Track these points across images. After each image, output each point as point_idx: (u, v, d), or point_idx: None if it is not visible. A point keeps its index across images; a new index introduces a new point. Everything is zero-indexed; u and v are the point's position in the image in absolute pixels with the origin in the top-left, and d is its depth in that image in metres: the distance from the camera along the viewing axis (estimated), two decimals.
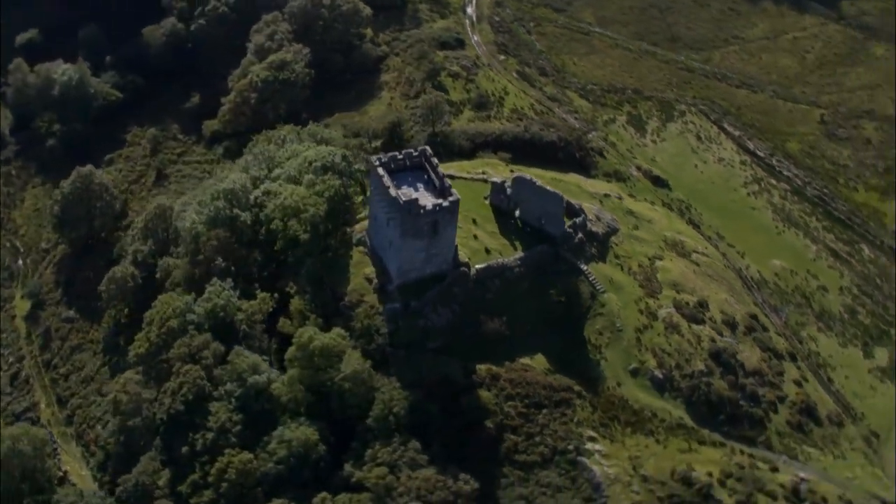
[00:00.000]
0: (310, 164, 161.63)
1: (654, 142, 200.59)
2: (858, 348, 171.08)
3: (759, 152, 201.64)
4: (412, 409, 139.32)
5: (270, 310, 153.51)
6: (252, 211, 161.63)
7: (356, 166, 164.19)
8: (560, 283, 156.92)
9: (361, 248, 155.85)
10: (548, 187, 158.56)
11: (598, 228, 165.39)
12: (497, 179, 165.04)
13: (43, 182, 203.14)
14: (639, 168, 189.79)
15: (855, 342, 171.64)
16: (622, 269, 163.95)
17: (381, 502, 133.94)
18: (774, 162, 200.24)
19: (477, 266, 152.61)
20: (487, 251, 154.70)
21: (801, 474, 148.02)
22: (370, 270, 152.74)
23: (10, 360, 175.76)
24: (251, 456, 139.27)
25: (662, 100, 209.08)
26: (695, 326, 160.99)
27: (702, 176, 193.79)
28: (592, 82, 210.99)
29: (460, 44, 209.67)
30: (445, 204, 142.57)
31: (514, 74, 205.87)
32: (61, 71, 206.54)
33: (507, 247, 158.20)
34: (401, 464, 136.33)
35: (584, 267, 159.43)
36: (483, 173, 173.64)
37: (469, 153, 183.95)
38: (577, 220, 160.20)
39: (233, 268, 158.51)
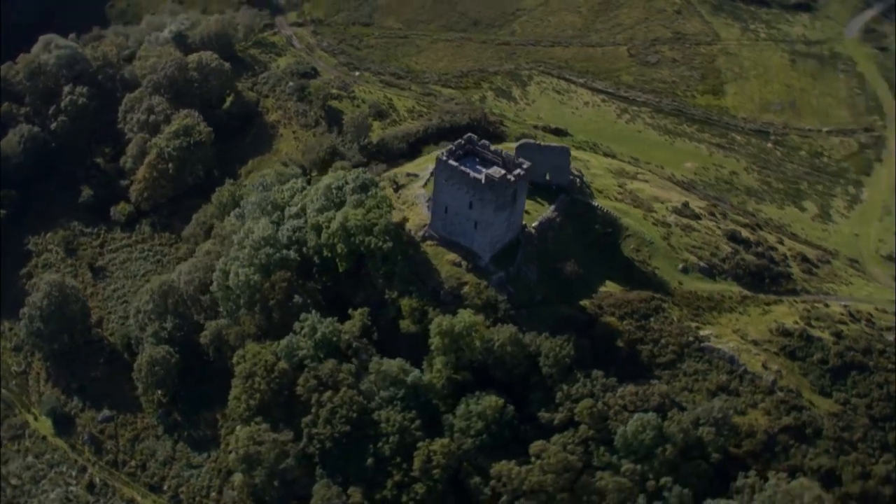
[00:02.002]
0: (335, 189, 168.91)
1: (527, 105, 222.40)
2: (792, 206, 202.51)
3: (609, 90, 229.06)
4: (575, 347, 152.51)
5: (368, 323, 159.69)
6: (293, 248, 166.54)
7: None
8: (591, 220, 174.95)
9: (430, 241, 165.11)
10: (553, 144, 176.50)
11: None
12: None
13: None
14: (536, 126, 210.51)
15: (787, 203, 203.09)
16: (612, 198, 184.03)
17: (599, 426, 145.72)
18: (624, 93, 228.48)
19: (532, 225, 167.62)
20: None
21: (842, 303, 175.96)
22: (452, 257, 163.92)
23: (73, 474, 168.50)
24: (448, 440, 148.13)
25: (506, 72, 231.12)
26: (698, 222, 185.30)
27: (583, 119, 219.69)
28: (442, 73, 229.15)
29: (315, 72, 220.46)
30: (521, 172, 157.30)
31: (379, 84, 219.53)
32: None
33: (534, 204, 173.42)
34: (596, 391, 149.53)
35: (596, 203, 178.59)
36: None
37: (409, 153, 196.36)
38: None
39: (309, 300, 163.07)
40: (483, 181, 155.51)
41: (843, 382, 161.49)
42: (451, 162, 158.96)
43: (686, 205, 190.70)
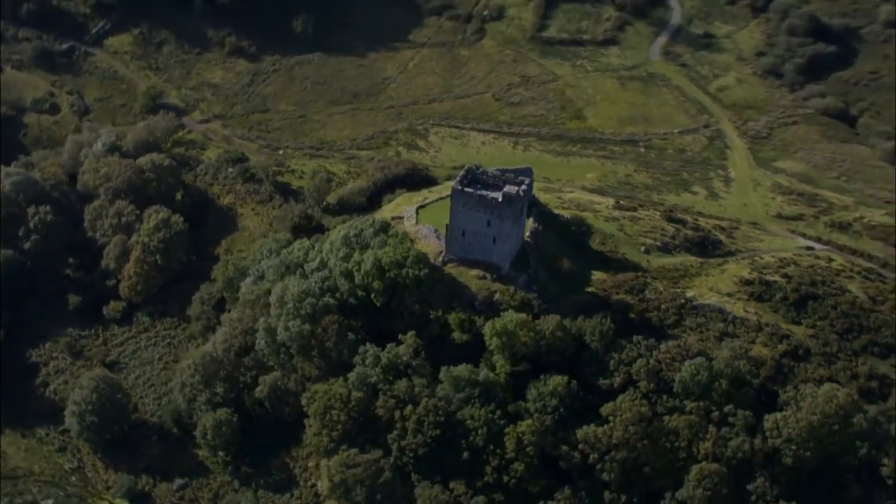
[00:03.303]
0: (354, 237, 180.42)
1: (436, 153, 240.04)
2: (686, 193, 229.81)
3: (495, 129, 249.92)
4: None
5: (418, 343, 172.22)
6: (328, 294, 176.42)
7: None
8: (563, 225, 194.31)
9: (451, 264, 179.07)
10: (518, 167, 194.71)
11: None
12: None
13: None
14: (455, 167, 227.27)
15: (681, 191, 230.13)
16: (561, 208, 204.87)
17: (656, 379, 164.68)
18: (507, 130, 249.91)
19: (526, 235, 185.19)
20: None
21: (769, 254, 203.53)
22: (475, 272, 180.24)
23: None
24: (531, 420, 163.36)
25: (404, 129, 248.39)
26: (635, 213, 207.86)
27: (488, 155, 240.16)
28: (352, 139, 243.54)
29: (245, 156, 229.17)
30: (524, 187, 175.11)
31: (304, 157, 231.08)
32: None
33: None
34: (643, 353, 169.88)
35: (556, 211, 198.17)
36: (424, 198, 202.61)
37: (369, 206, 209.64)
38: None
39: (359, 335, 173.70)
40: (501, 199, 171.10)
41: (805, 311, 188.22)
42: (468, 189, 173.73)
43: (619, 203, 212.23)
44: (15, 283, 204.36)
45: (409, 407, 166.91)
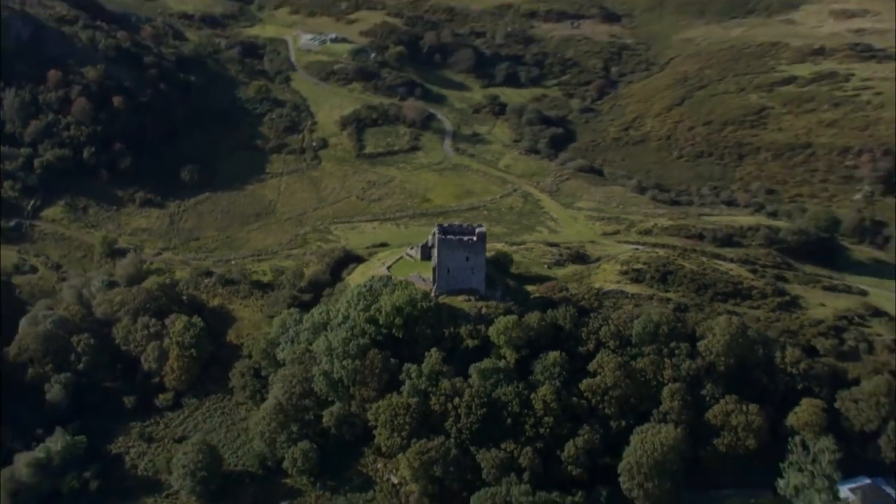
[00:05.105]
0: (368, 288, 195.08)
1: (346, 240, 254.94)
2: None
3: (375, 219, 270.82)
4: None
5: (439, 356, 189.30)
6: (355, 340, 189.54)
7: None
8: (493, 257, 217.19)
9: (442, 297, 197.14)
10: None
11: None
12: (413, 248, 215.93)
13: None
14: (368, 247, 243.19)
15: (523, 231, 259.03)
16: None
17: (617, 336, 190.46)
18: (382, 216, 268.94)
19: None
20: None
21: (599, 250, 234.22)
22: (462, 298, 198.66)
23: None
24: (546, 386, 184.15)
25: (312, 230, 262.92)
26: (523, 245, 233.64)
27: (384, 236, 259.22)
28: (277, 245, 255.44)
29: (211, 270, 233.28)
30: (483, 229, 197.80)
31: (258, 262, 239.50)
32: None
33: None
34: (601, 322, 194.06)
35: None
36: (382, 263, 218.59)
37: (332, 282, 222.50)
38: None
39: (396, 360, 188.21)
40: (476, 239, 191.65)
41: (668, 283, 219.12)
42: (450, 237, 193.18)
43: (507, 242, 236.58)
44: (81, 396, 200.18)
45: (456, 399, 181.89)
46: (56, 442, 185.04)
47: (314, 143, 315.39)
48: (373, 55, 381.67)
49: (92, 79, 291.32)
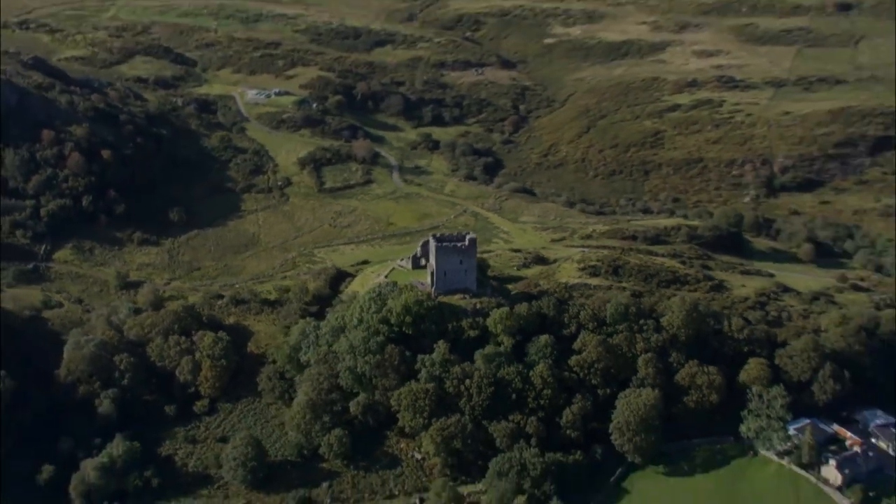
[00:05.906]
0: (377, 293, 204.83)
1: (331, 262, 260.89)
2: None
3: (350, 242, 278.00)
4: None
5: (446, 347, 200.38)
6: (373, 338, 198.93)
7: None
8: None
9: (441, 297, 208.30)
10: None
11: None
12: (404, 259, 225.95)
13: None
14: (354, 264, 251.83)
15: (495, 241, 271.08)
16: None
17: (595, 318, 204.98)
18: (356, 240, 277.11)
19: None
20: None
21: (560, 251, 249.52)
22: (459, 296, 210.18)
23: None
24: (542, 365, 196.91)
25: (299, 255, 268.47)
26: (492, 252, 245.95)
27: (362, 255, 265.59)
28: (271, 269, 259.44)
29: (221, 294, 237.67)
30: (474, 236, 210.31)
31: (259, 284, 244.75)
32: None
33: None
34: (579, 307, 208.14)
35: None
36: (378, 274, 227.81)
37: (333, 295, 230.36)
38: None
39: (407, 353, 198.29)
40: (468, 244, 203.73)
41: (620, 275, 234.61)
42: (445, 244, 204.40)
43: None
44: (127, 408, 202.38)
45: (467, 381, 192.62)
46: (117, 447, 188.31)
47: (279, 182, 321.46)
48: (314, 105, 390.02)
49: (80, 136, 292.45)
